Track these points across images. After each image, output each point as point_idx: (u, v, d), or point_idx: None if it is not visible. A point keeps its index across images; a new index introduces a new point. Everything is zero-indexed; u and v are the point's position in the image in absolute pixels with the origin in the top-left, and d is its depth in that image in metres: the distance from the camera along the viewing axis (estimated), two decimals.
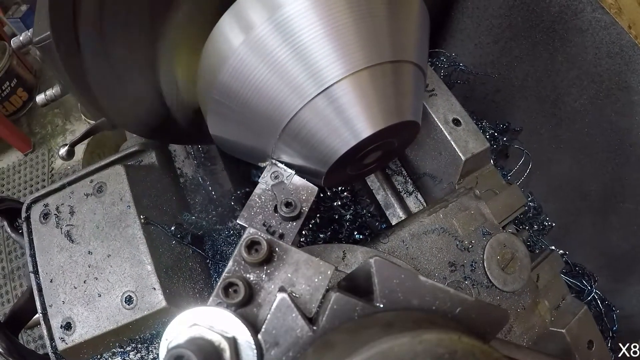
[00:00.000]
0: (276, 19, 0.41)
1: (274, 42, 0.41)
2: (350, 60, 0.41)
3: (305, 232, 0.77)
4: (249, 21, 0.43)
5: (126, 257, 0.73)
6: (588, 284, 1.19)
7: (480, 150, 0.83)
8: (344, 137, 0.43)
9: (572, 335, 0.87)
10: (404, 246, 0.66)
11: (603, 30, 0.93)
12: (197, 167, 0.91)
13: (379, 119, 0.42)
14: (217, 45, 0.46)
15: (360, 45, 0.40)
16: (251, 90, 0.44)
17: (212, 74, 0.47)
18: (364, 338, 0.34)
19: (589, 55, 0.97)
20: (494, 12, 1.12)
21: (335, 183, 0.57)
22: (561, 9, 0.97)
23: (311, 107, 0.42)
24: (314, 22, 0.40)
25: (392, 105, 0.43)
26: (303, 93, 0.42)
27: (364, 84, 0.41)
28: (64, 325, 0.72)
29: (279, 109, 0.43)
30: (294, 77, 0.41)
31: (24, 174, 2.88)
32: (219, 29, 0.46)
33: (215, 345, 0.37)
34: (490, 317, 0.40)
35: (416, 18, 0.48)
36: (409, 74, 0.45)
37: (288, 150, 0.48)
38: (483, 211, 0.74)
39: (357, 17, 0.41)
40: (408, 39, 0.45)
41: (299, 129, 0.44)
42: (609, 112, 1.00)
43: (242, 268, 0.43)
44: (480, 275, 0.71)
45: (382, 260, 0.39)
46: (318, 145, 0.44)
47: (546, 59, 1.05)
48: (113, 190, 0.79)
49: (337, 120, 0.42)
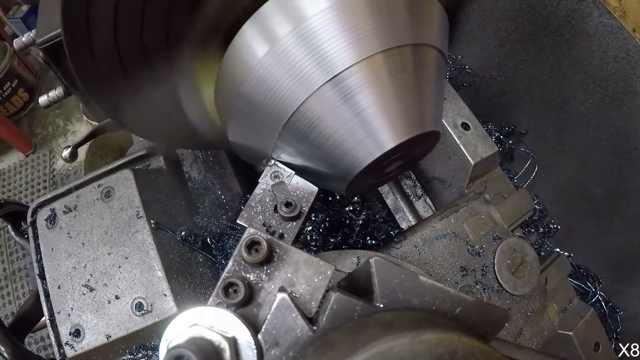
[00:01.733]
0: (301, 31, 0.41)
1: (299, 54, 0.41)
2: (373, 69, 0.41)
3: (316, 236, 0.77)
4: (272, 32, 0.43)
5: (136, 263, 0.72)
6: (592, 286, 1.20)
7: (489, 154, 0.84)
8: (368, 149, 0.43)
9: (579, 337, 0.87)
10: (416, 251, 0.66)
11: (610, 35, 0.94)
12: (206, 171, 0.91)
13: (402, 131, 0.43)
14: (239, 55, 0.46)
15: (384, 53, 0.41)
16: (275, 100, 0.44)
17: (235, 83, 0.47)
18: (364, 338, 0.34)
19: (596, 59, 0.98)
20: (500, 15, 1.12)
21: (357, 192, 0.57)
22: (568, 13, 0.98)
23: (336, 116, 0.42)
24: (338, 33, 0.41)
25: (415, 115, 0.44)
26: (327, 102, 0.42)
27: (387, 95, 0.41)
28: (73, 332, 0.71)
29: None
30: (317, 86, 0.41)
31: (25, 174, 2.87)
32: (241, 38, 0.46)
33: (215, 345, 0.37)
34: (490, 317, 0.41)
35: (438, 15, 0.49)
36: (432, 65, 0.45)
37: (311, 159, 0.48)
38: (493, 216, 0.75)
39: (379, 26, 0.41)
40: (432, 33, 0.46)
41: (324, 139, 0.44)
42: (615, 116, 1.01)
43: (242, 268, 0.43)
44: (491, 280, 0.71)
45: (382, 260, 0.39)
46: (343, 156, 0.45)
47: (552, 62, 1.06)
48: (121, 195, 0.78)
49: (361, 132, 0.42)
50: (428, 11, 0.48)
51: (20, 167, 2.91)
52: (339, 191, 0.52)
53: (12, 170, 2.91)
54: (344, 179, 0.47)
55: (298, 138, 0.46)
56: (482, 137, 0.85)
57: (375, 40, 0.42)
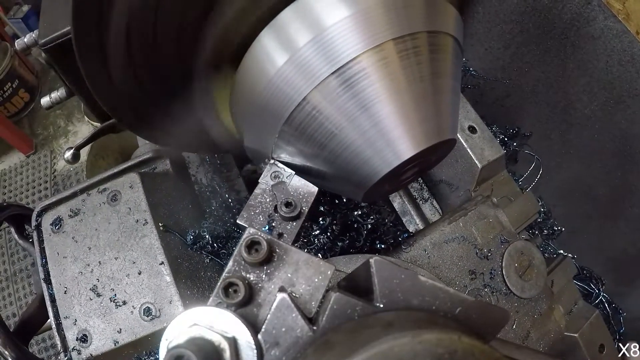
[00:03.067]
0: (321, 39, 0.41)
1: (320, 64, 0.41)
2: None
3: (323, 239, 0.77)
4: (291, 39, 0.43)
5: (144, 268, 0.72)
6: (596, 288, 1.20)
7: (496, 158, 0.84)
8: (387, 158, 0.43)
9: (584, 339, 0.88)
10: (425, 255, 0.66)
11: (615, 39, 0.94)
12: (213, 174, 0.91)
13: (421, 140, 0.43)
14: (257, 61, 0.46)
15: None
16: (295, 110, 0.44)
17: (252, 90, 0.47)
18: (364, 338, 0.34)
19: (601, 62, 0.98)
20: (505, 18, 1.13)
21: (373, 198, 0.58)
22: (573, 16, 0.98)
23: (354, 127, 0.43)
24: (358, 42, 0.41)
25: (434, 123, 0.44)
26: (347, 113, 0.42)
27: (406, 105, 0.41)
28: (80, 337, 0.70)
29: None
30: (337, 97, 0.42)
31: (26, 175, 2.86)
32: (259, 45, 0.46)
33: (215, 345, 0.37)
34: (490, 317, 0.40)
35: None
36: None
37: (330, 167, 0.48)
38: (501, 219, 0.75)
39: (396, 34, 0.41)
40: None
41: (343, 148, 0.44)
42: (619, 119, 1.02)
43: (242, 268, 0.42)
44: (499, 283, 0.72)
45: (381, 260, 0.39)
46: (362, 165, 0.45)
47: (557, 65, 1.06)
48: (128, 198, 0.78)
49: (380, 141, 0.43)
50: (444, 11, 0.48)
51: (21, 168, 2.90)
52: (356, 198, 0.52)
53: (12, 171, 2.91)
54: (362, 187, 0.47)
55: (318, 146, 0.46)
56: (489, 140, 0.85)
57: (392, 45, 0.42)
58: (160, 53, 0.48)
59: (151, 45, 0.46)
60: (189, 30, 0.46)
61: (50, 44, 0.89)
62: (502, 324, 0.42)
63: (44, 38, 0.89)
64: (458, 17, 0.53)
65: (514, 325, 0.73)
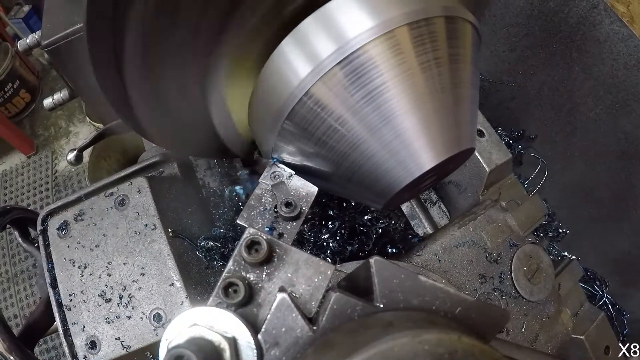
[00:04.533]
0: (345, 52, 0.41)
1: (346, 82, 0.41)
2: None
3: (333, 244, 0.77)
4: (314, 50, 0.43)
5: (153, 274, 0.71)
6: (599, 289, 1.21)
7: (504, 161, 0.84)
8: (409, 169, 0.44)
9: (590, 341, 0.89)
10: (436, 259, 0.67)
11: (621, 43, 0.95)
12: (222, 178, 0.91)
13: (442, 150, 0.43)
14: (278, 70, 0.46)
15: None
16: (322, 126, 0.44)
17: (273, 98, 0.47)
18: (364, 338, 0.34)
19: (606, 66, 0.99)
20: (511, 21, 1.13)
21: (392, 206, 0.58)
22: (579, 20, 0.99)
23: (377, 138, 0.43)
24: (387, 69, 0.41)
25: (454, 134, 0.44)
26: (370, 124, 0.43)
27: (428, 116, 0.42)
28: (89, 343, 0.70)
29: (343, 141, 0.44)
30: (360, 110, 0.42)
31: (27, 176, 2.85)
32: (280, 54, 0.46)
33: (215, 345, 0.37)
34: (490, 317, 0.41)
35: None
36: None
37: (352, 177, 0.48)
38: (509, 223, 0.76)
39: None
40: None
41: (365, 160, 0.45)
42: (624, 122, 1.02)
43: (242, 268, 0.42)
44: (509, 287, 0.72)
45: (381, 260, 0.39)
46: (383, 175, 0.45)
47: (563, 68, 1.06)
48: (136, 203, 0.77)
49: (403, 152, 0.43)
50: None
51: (22, 169, 2.89)
52: (376, 207, 0.52)
53: (13, 172, 2.90)
54: (383, 197, 0.48)
55: (340, 156, 0.46)
56: (497, 144, 0.86)
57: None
58: (179, 58, 0.47)
59: (169, 49, 0.46)
60: (208, 37, 0.46)
61: (54, 45, 0.88)
62: (502, 324, 0.42)
63: (47, 39, 0.88)
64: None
65: (522, 328, 0.73)
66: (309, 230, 0.79)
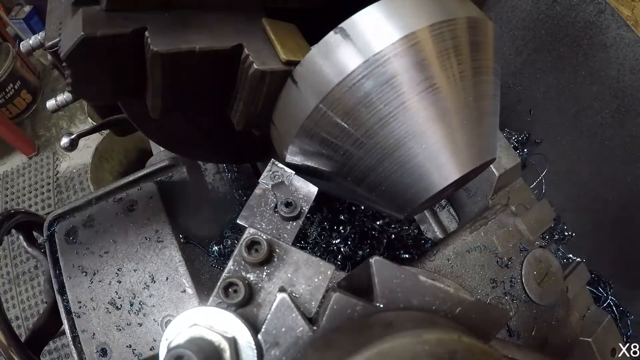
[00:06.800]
0: (371, 65, 0.41)
1: (384, 88, 0.42)
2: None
3: (344, 249, 0.78)
4: (342, 63, 0.43)
5: (164, 280, 0.70)
6: (604, 291, 1.22)
7: (513, 166, 0.85)
8: (433, 180, 0.44)
9: (597, 343, 0.89)
10: (448, 264, 0.67)
11: (627, 47, 0.96)
12: (232, 182, 0.91)
13: (466, 162, 0.44)
14: (306, 77, 0.46)
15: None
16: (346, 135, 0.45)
17: (299, 103, 0.47)
18: (364, 338, 0.34)
19: (612, 70, 0.99)
20: (518, 24, 1.13)
21: (413, 214, 0.59)
22: (586, 24, 0.99)
23: (405, 150, 0.43)
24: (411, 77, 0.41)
25: (478, 146, 0.45)
26: (398, 138, 0.43)
27: (454, 130, 0.42)
28: (99, 351, 0.69)
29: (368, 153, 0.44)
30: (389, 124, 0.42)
31: (29, 177, 2.84)
32: (308, 62, 0.46)
33: (215, 345, 0.37)
34: (490, 317, 0.41)
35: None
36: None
37: (377, 188, 0.48)
38: (519, 228, 0.76)
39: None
40: None
41: (390, 173, 0.45)
42: (630, 126, 1.03)
43: (242, 268, 0.42)
44: (519, 291, 0.73)
45: (381, 260, 0.39)
46: (409, 187, 0.46)
47: (569, 72, 1.07)
48: (145, 208, 0.76)
49: (428, 165, 0.43)
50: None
51: (23, 170, 2.88)
52: (398, 216, 0.53)
53: (15, 173, 2.89)
54: (406, 208, 0.48)
55: (367, 169, 0.47)
56: (506, 148, 0.86)
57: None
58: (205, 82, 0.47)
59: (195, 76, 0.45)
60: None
61: (57, 47, 0.87)
62: (501, 324, 0.42)
63: (51, 40, 0.87)
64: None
65: (533, 332, 0.74)
66: (319, 234, 0.80)
